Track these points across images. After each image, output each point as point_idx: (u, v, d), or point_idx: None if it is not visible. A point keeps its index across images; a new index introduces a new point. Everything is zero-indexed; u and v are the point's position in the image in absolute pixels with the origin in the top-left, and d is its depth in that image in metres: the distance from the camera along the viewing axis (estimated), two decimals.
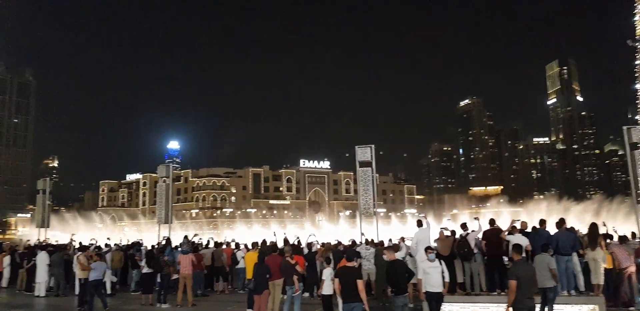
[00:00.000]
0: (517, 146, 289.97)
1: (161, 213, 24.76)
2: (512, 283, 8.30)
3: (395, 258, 9.95)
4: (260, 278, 11.17)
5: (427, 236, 12.16)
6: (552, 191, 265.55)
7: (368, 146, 19.50)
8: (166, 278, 14.70)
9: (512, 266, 8.59)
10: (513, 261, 8.83)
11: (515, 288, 8.18)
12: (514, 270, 8.53)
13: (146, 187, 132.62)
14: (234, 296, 16.12)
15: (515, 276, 8.26)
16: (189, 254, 14.62)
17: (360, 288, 8.43)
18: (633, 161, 16.72)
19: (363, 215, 19.24)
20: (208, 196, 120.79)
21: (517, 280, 8.20)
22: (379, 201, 79.96)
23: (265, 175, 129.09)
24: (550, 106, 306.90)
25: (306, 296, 14.39)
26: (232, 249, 17.66)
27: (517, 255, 8.87)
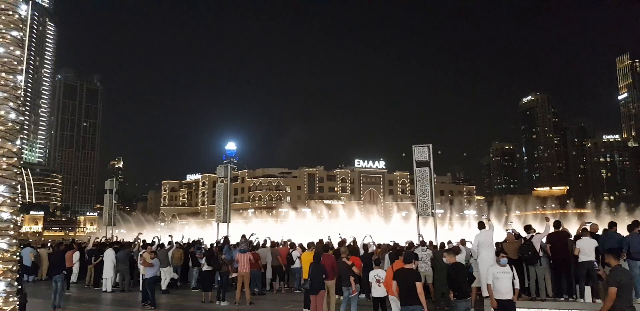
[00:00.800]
0: (585, 144, 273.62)
1: (220, 212, 25.39)
2: (613, 290, 7.54)
3: (456, 261, 9.58)
4: (316, 278, 11.12)
5: (489, 238, 11.67)
6: (623, 192, 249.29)
7: (425, 145, 19.02)
8: (225, 276, 14.95)
9: (613, 272, 7.80)
10: (610, 267, 8.07)
11: (615, 295, 7.48)
12: (615, 276, 7.74)
13: (205, 187, 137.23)
14: (290, 296, 16.21)
15: (617, 283, 7.54)
16: (246, 253, 14.83)
17: (419, 291, 8.21)
18: None
19: (421, 216, 18.78)
20: (264, 196, 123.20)
21: (619, 287, 7.52)
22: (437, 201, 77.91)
23: (320, 175, 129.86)
24: (621, 101, 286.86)
25: (362, 298, 14.22)
26: (287, 249, 17.75)
27: (615, 260, 8.09)
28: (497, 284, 9.28)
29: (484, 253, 11.40)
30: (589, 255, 10.80)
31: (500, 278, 9.28)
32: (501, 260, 9.56)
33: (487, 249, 11.47)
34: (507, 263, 9.53)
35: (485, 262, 11.34)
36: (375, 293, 10.77)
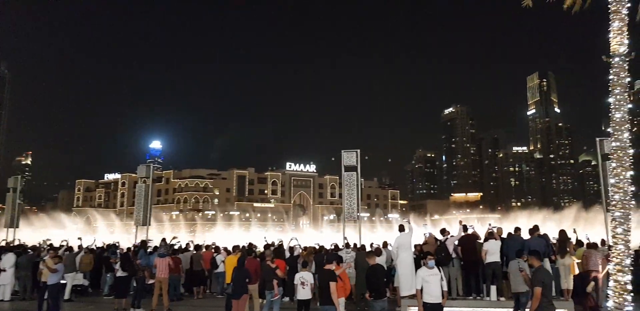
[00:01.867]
0: (497, 154, 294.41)
1: (139, 215, 24.23)
2: (538, 290, 7.93)
3: (375, 263, 9.91)
4: (239, 283, 11.00)
5: (408, 241, 12.22)
6: (529, 199, 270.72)
7: (354, 151, 19.53)
8: (140, 282, 14.35)
9: (537, 273, 8.23)
10: (534, 268, 8.50)
11: (540, 295, 7.89)
12: (539, 276, 8.17)
13: (125, 187, 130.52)
14: (211, 301, 15.88)
15: (542, 283, 7.98)
16: (165, 258, 14.32)
17: (332, 290, 8.38)
18: (604, 172, 17.15)
19: (347, 219, 19.24)
20: (190, 197, 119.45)
21: (544, 287, 7.98)
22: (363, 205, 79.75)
23: (250, 177, 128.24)
24: (529, 116, 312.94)
25: (286, 301, 14.29)
26: (211, 253, 17.41)
27: (537, 261, 8.55)
28: (426, 287, 9.21)
29: (403, 255, 11.91)
30: (495, 257, 11.70)
31: (430, 281, 9.23)
32: (429, 262, 9.46)
33: (406, 251, 11.99)
34: (434, 265, 9.46)
35: (404, 264, 11.88)
36: (299, 296, 10.71)
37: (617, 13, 9.79)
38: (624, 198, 9.39)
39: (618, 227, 9.39)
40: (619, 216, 9.40)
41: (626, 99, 9.75)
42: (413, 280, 11.73)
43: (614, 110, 9.78)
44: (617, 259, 9.29)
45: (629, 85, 9.83)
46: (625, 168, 9.52)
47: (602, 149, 17.65)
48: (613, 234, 9.53)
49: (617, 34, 9.76)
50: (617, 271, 9.22)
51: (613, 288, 9.19)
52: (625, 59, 9.71)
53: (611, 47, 9.90)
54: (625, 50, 9.72)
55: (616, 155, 9.64)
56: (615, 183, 9.55)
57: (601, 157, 17.82)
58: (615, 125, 9.74)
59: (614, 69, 9.79)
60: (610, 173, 9.94)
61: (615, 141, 9.70)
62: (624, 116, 9.68)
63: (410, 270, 11.67)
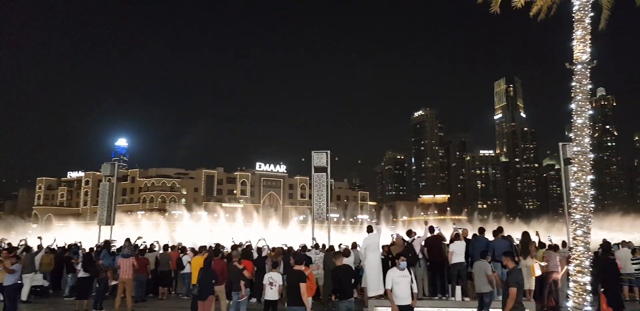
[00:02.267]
0: (464, 157, 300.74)
1: (103, 214, 23.66)
2: (514, 291, 8.00)
3: (342, 263, 9.89)
4: (205, 284, 10.84)
5: (376, 241, 12.29)
6: (494, 201, 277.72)
7: (324, 152, 19.53)
8: (103, 283, 14.03)
9: (512, 274, 8.32)
10: (508, 269, 8.51)
11: (515, 295, 7.96)
12: (515, 277, 8.26)
13: (89, 186, 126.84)
14: (177, 302, 15.60)
15: (517, 283, 8.07)
16: (130, 258, 13.99)
17: (302, 291, 8.35)
18: (566, 175, 17.72)
19: (316, 220, 19.22)
20: (156, 197, 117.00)
21: (519, 287, 8.07)
22: (332, 206, 79.65)
23: (219, 177, 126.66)
24: (496, 120, 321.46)
25: (254, 302, 14.16)
26: (178, 253, 17.09)
27: (512, 262, 8.63)
28: (396, 289, 9.07)
29: (371, 256, 11.98)
30: (460, 258, 11.90)
31: (400, 283, 9.09)
32: (401, 263, 9.29)
33: (374, 252, 12.07)
34: (405, 267, 9.30)
35: (371, 265, 11.94)
36: (267, 296, 10.73)
37: (581, 22, 10.09)
38: (584, 201, 9.69)
39: (578, 229, 9.67)
40: (579, 219, 9.68)
41: (587, 105, 10.06)
42: (380, 280, 11.80)
43: (576, 116, 10.07)
44: (577, 260, 9.55)
45: (591, 92, 10.15)
46: (586, 172, 9.81)
47: (565, 154, 18.21)
48: (573, 236, 9.81)
49: (580, 42, 10.07)
50: (577, 272, 9.48)
51: (573, 288, 9.45)
52: (588, 67, 10.02)
53: (574, 55, 10.20)
54: (588, 58, 10.03)
55: (577, 159, 9.93)
56: (576, 187, 9.84)
57: (563, 161, 18.40)
58: (577, 130, 10.04)
59: (577, 76, 10.09)
60: (571, 176, 10.24)
61: (577, 146, 9.99)
62: (585, 121, 9.98)
63: (378, 271, 11.73)
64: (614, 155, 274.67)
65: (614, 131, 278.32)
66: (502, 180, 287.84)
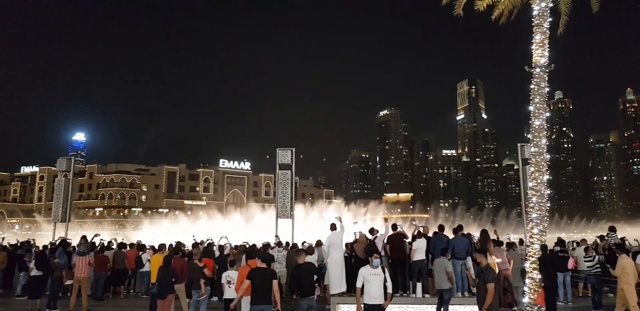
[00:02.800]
0: (427, 157, 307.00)
1: (58, 211, 22.84)
2: (492, 286, 8.00)
3: (304, 261, 9.85)
4: (164, 282, 10.60)
5: (339, 239, 12.32)
6: (456, 200, 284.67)
7: (289, 149, 19.47)
8: (57, 282, 13.55)
9: (488, 270, 8.32)
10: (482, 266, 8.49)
11: (493, 290, 7.99)
12: (491, 273, 8.26)
13: (44, 181, 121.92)
14: (135, 301, 15.20)
15: (494, 279, 8.11)
16: (85, 256, 13.57)
17: (275, 288, 8.28)
18: (524, 175, 18.31)
19: (280, 217, 19.13)
20: (115, 193, 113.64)
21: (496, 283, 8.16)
22: (297, 204, 79.33)
23: (182, 174, 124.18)
24: (458, 121, 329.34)
25: (215, 301, 13.96)
26: (136, 252, 16.63)
27: (485, 259, 8.62)
28: (367, 287, 8.67)
29: (334, 253, 12.01)
30: (421, 255, 12.10)
31: (371, 281, 8.65)
32: (374, 260, 8.86)
33: (337, 249, 12.11)
34: (379, 264, 8.88)
35: (334, 262, 11.97)
36: (226, 295, 10.64)
37: (540, 26, 10.42)
38: (540, 201, 10.01)
39: (534, 228, 9.98)
40: (535, 217, 10.00)
41: (545, 107, 10.39)
42: (343, 278, 11.85)
43: (534, 118, 10.39)
44: (532, 258, 9.84)
45: (548, 95, 10.49)
46: (542, 172, 10.15)
47: (523, 154, 18.78)
48: (530, 235, 10.11)
49: (539, 46, 10.39)
50: (532, 269, 9.76)
51: (529, 285, 9.72)
52: (546, 70, 10.35)
53: (533, 58, 10.52)
54: (546, 62, 10.37)
55: (534, 160, 10.25)
56: (533, 186, 10.16)
57: (522, 161, 18.98)
58: (535, 132, 10.36)
59: (535, 79, 10.41)
60: (529, 176, 10.57)
61: (534, 147, 10.31)
62: (543, 123, 10.31)
63: (340, 268, 11.77)
64: (570, 156, 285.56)
65: (570, 133, 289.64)
66: (464, 179, 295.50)
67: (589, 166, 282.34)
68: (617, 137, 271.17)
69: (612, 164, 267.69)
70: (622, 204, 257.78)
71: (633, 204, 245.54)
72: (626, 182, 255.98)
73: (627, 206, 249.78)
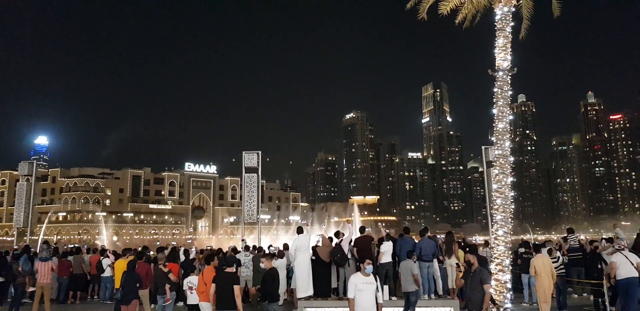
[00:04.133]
0: (393, 159, 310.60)
1: (19, 216, 22.11)
2: (489, 287, 7.98)
3: (271, 266, 9.76)
4: (128, 287, 10.34)
5: (306, 242, 12.27)
6: (422, 202, 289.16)
7: (255, 152, 19.32)
8: (20, 288, 13.22)
9: (484, 272, 8.20)
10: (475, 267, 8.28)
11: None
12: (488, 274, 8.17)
13: (5, 186, 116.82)
14: (98, 307, 14.77)
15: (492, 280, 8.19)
16: (48, 262, 13.13)
17: (236, 293, 8.18)
18: (489, 178, 18.73)
19: (246, 221, 18.93)
20: (79, 198, 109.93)
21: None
22: (264, 207, 79.27)
23: (146, 178, 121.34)
24: (424, 124, 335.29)
25: (180, 306, 13.68)
26: (98, 257, 16.16)
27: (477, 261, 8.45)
28: (359, 298, 7.77)
29: (300, 257, 11.93)
30: (388, 257, 12.16)
31: (364, 290, 7.78)
32: (366, 267, 7.99)
33: (304, 253, 12.03)
34: (371, 271, 8.06)
35: (301, 266, 11.89)
36: (189, 301, 10.51)
37: (502, 31, 10.66)
38: (504, 202, 10.19)
39: (499, 229, 10.15)
40: (500, 219, 10.17)
41: (508, 110, 10.62)
42: (310, 281, 11.78)
43: (497, 120, 10.59)
44: (498, 259, 10.01)
45: (511, 98, 10.73)
46: (506, 174, 10.35)
47: (487, 157, 19.18)
48: (495, 236, 10.28)
49: (502, 50, 10.63)
50: (498, 270, 9.92)
51: (494, 286, 9.84)
52: (508, 74, 10.58)
53: (496, 62, 10.74)
54: (509, 66, 10.60)
55: (498, 162, 10.44)
56: (497, 188, 10.34)
57: (486, 164, 19.38)
58: (498, 134, 10.56)
59: (498, 82, 10.63)
60: (493, 178, 10.75)
61: (498, 149, 10.51)
62: (506, 126, 10.53)
63: (307, 272, 11.72)
64: (533, 158, 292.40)
65: (533, 136, 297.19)
66: (429, 182, 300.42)
67: (551, 168, 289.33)
68: (579, 140, 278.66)
69: (574, 166, 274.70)
70: (585, 205, 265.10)
71: (595, 206, 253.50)
72: (588, 184, 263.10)
73: (590, 207, 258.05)
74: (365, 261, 8.11)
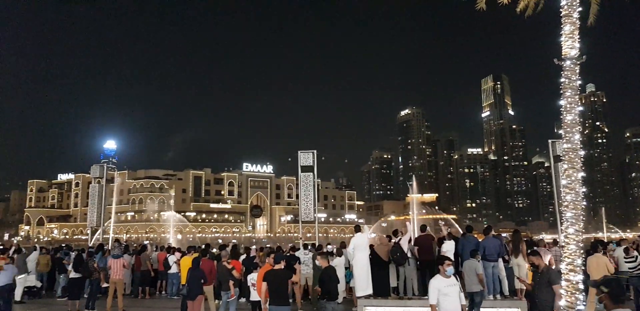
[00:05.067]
0: (452, 156, 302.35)
1: (93, 216, 23.65)
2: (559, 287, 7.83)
3: (328, 265, 9.77)
4: (194, 284, 10.75)
5: (364, 241, 12.19)
6: (483, 200, 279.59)
7: (310, 151, 19.49)
8: (95, 284, 14.12)
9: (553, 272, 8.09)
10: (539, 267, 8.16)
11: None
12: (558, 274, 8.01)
13: (79, 188, 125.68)
14: (167, 302, 15.50)
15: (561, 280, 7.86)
16: (120, 259, 13.93)
17: (289, 290, 8.27)
18: (556, 173, 17.77)
19: (303, 220, 19.15)
20: (145, 198, 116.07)
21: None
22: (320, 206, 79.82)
23: (207, 178, 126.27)
24: (484, 118, 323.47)
25: (243, 302, 14.05)
26: (165, 254, 16.97)
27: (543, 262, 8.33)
28: (444, 302, 7.23)
29: (359, 255, 11.88)
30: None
31: (449, 294, 7.22)
32: (447, 269, 7.36)
33: (362, 252, 11.97)
34: (452, 273, 7.44)
35: (360, 265, 11.83)
36: (253, 297, 10.76)
37: (569, 17, 10.04)
38: (575, 199, 9.62)
39: (570, 227, 9.60)
40: (570, 217, 9.61)
41: (577, 101, 10.00)
42: (369, 280, 11.70)
43: (565, 112, 10.00)
44: (568, 259, 9.49)
45: (580, 88, 10.10)
46: (577, 169, 9.76)
47: (554, 151, 18.28)
48: (565, 235, 9.75)
49: (569, 37, 10.01)
50: (569, 270, 9.41)
51: (565, 287, 9.39)
52: (577, 62, 9.96)
53: (563, 51, 10.14)
54: (577, 54, 9.98)
55: (567, 157, 9.87)
56: (567, 184, 9.77)
57: (553, 158, 18.46)
58: (567, 127, 9.97)
59: (566, 72, 10.03)
60: (562, 174, 10.18)
61: (567, 143, 9.93)
62: (575, 118, 9.92)
63: (366, 271, 11.65)
64: (605, 152, 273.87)
65: (604, 128, 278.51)
66: (491, 178, 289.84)
67: (625, 161, 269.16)
68: None
69: None
70: None
71: None
72: None
73: None
74: (445, 263, 7.44)
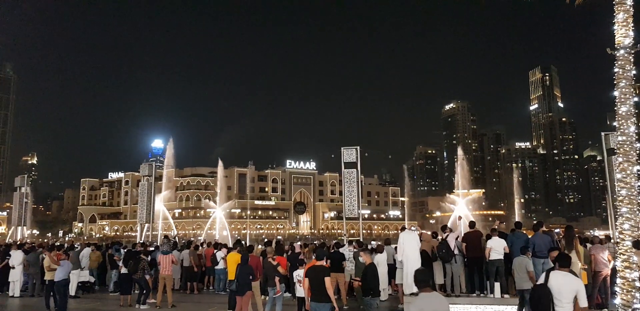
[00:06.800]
0: (499, 150, 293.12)
1: (143, 213, 24.44)
2: None
3: (371, 261, 9.80)
4: (243, 279, 10.99)
5: (414, 237, 12.08)
6: (532, 195, 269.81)
7: (353, 147, 19.48)
8: (143, 280, 14.34)
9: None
10: None
11: None
12: None
13: (129, 186, 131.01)
14: (214, 298, 15.89)
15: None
16: (169, 255, 14.39)
17: (327, 286, 8.33)
18: (610, 167, 17.00)
19: (347, 216, 19.20)
20: (192, 195, 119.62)
21: None
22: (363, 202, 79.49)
23: (251, 175, 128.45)
24: (532, 111, 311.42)
25: (288, 297, 14.27)
26: (212, 250, 17.43)
27: None
28: None
29: (409, 252, 11.81)
30: (499, 254, 11.58)
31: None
32: None
33: (413, 248, 11.89)
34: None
35: (410, 261, 11.78)
36: (298, 293, 10.92)
37: (622, 4, 9.62)
38: (630, 193, 9.25)
39: (625, 223, 9.25)
40: (625, 212, 9.25)
41: (632, 92, 9.59)
42: None
43: (620, 103, 9.62)
44: (624, 256, 9.14)
45: (634, 78, 9.68)
46: (632, 162, 9.37)
47: (608, 144, 17.55)
48: (620, 231, 9.38)
49: (622, 25, 9.59)
50: (624, 267, 9.07)
51: (621, 285, 9.04)
52: (631, 51, 9.54)
53: (616, 40, 9.73)
54: (631, 43, 9.56)
55: (622, 149, 9.48)
56: (621, 178, 9.40)
57: (606, 151, 17.73)
58: (621, 119, 9.59)
59: (619, 61, 9.63)
60: (616, 167, 9.79)
61: (621, 135, 9.54)
62: (630, 109, 9.53)
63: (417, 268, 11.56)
64: None
65: None
66: (540, 173, 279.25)
67: None
68: None
69: None
70: None
71: None
72: None
73: None
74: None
